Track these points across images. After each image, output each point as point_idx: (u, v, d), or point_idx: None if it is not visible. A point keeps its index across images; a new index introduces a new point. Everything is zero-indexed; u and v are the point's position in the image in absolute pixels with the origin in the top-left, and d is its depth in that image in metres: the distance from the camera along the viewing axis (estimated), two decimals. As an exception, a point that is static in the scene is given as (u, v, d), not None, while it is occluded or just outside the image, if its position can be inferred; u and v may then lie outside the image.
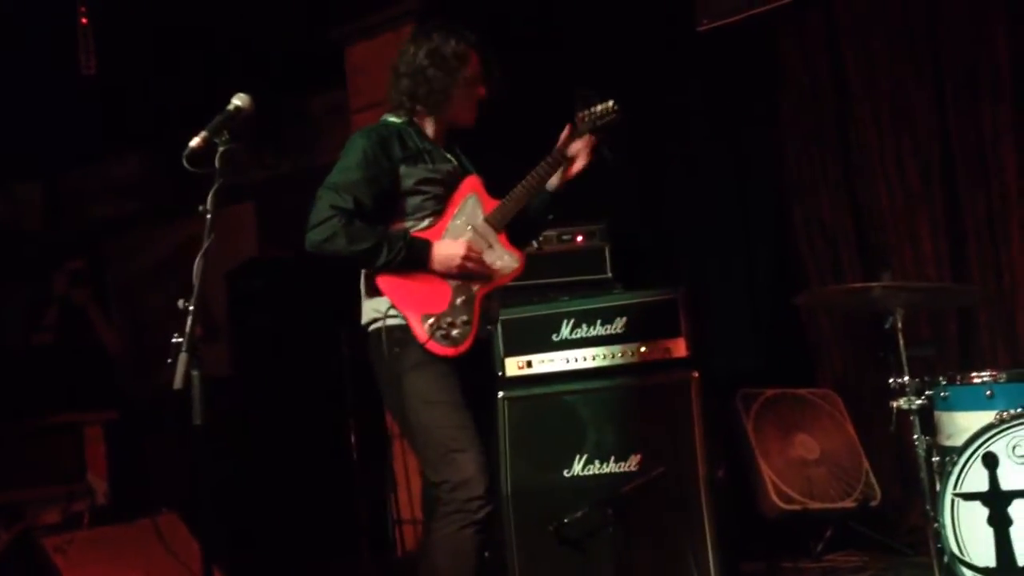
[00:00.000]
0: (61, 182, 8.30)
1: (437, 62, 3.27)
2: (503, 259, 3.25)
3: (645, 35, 5.52)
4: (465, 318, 3.14)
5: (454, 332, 3.11)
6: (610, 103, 3.33)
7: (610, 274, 4.81)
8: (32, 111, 6.62)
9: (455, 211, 3.27)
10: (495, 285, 3.25)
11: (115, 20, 5.41)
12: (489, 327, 3.36)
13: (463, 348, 3.12)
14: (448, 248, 3.16)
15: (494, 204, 3.29)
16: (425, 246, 3.16)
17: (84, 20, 5.13)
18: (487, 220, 3.26)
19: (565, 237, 4.83)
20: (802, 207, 5.37)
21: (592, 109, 3.34)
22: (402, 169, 3.21)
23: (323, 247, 3.09)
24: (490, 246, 3.24)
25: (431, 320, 3.11)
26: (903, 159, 5.06)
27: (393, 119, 3.36)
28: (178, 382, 2.46)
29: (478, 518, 3.01)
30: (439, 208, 3.26)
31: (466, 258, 3.14)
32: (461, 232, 3.24)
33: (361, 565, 5.41)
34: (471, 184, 3.32)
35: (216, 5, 5.78)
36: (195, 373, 2.48)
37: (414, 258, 3.13)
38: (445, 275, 3.17)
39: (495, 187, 3.35)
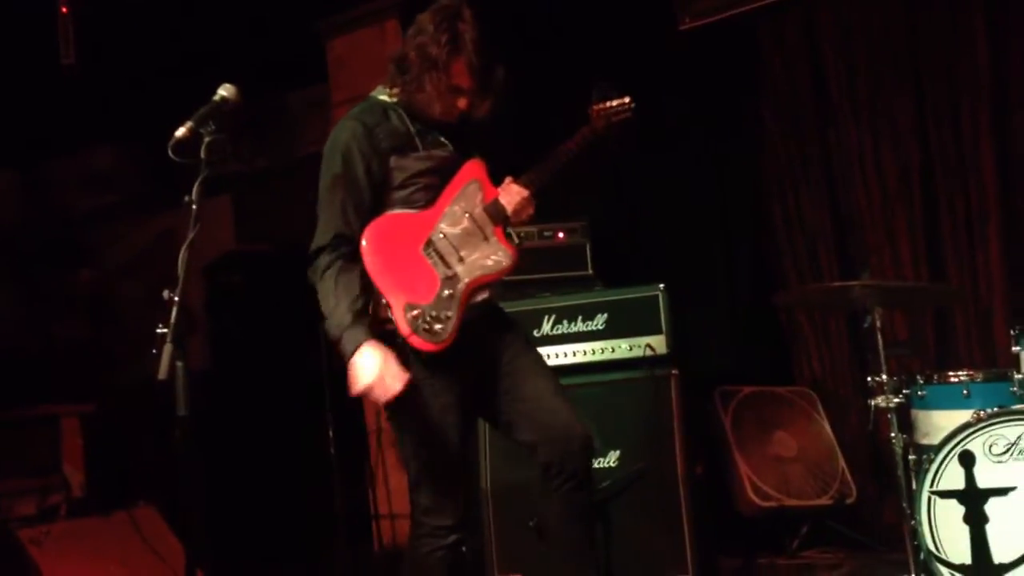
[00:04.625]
0: (37, 172, 8.21)
1: (420, 55, 3.07)
2: (497, 255, 3.13)
3: (626, 33, 5.52)
4: (449, 313, 3.03)
5: (436, 327, 3.01)
6: (627, 99, 3.29)
7: (591, 271, 4.82)
8: (10, 100, 6.56)
9: (455, 195, 3.14)
10: (483, 281, 3.12)
11: (94, 10, 5.37)
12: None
13: (444, 344, 3.02)
14: (365, 361, 2.91)
15: (495, 193, 3.15)
16: (356, 340, 2.93)
17: (64, 9, 5.10)
18: (486, 210, 3.13)
19: (546, 234, 4.83)
20: (782, 206, 5.39)
21: (609, 104, 3.28)
22: (392, 160, 3.07)
23: (313, 281, 3.07)
24: (485, 239, 3.13)
25: (415, 311, 3.00)
26: (882, 159, 5.10)
27: (383, 97, 3.19)
28: (163, 372, 2.45)
29: (447, 543, 3.03)
30: (432, 198, 3.12)
31: (368, 388, 2.91)
32: (458, 220, 3.11)
33: (338, 559, 5.39)
34: (473, 169, 3.17)
35: (195, -2, 5.75)
36: (180, 364, 2.48)
37: (341, 337, 2.94)
38: (420, 259, 3.05)
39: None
